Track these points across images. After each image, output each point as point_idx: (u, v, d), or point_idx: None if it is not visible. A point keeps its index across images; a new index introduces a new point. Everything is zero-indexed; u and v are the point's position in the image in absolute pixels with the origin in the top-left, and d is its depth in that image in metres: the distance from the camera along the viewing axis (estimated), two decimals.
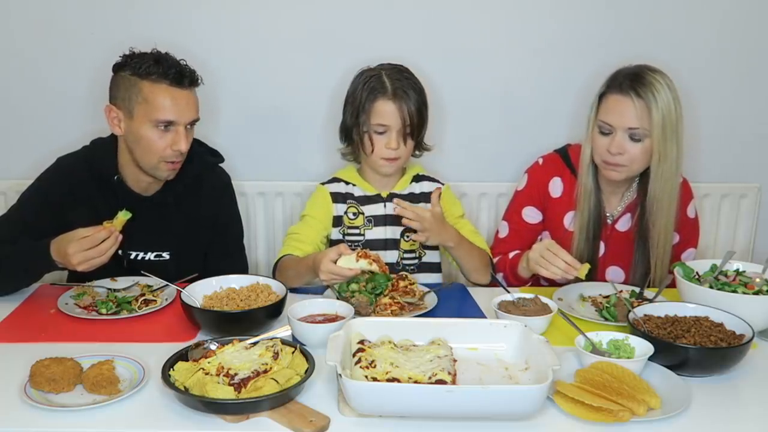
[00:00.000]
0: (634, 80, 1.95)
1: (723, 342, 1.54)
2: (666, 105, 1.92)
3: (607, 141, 1.98)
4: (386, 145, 2.04)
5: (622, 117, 1.95)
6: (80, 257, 1.72)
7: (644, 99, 1.92)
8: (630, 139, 1.96)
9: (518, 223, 2.21)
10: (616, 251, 2.16)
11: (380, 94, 2.02)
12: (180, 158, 1.95)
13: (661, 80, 1.94)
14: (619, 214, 2.15)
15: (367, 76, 2.07)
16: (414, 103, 2.03)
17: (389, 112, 2.02)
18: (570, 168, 2.16)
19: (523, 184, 2.22)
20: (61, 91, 2.55)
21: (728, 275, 1.84)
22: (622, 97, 1.95)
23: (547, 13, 2.56)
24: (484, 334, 1.57)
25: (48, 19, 2.49)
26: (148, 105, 1.87)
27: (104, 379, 1.40)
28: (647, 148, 1.97)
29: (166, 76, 1.86)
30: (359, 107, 2.06)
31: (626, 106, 1.94)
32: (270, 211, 2.69)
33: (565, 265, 1.84)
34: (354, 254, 1.80)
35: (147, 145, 1.90)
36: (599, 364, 1.45)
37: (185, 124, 1.91)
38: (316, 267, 1.83)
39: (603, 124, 1.99)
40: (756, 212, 2.79)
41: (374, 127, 2.04)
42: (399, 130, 2.03)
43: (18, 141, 2.60)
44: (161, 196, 2.05)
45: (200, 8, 2.50)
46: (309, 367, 1.42)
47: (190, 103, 1.91)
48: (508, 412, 1.32)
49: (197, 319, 1.69)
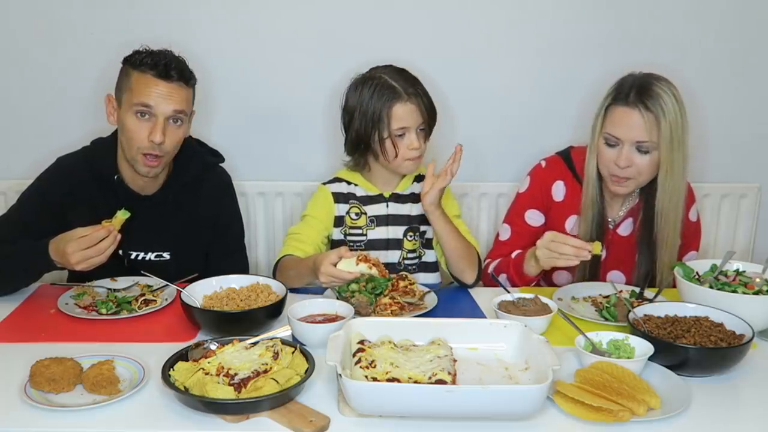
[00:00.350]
0: (641, 92, 1.92)
1: (723, 342, 1.54)
2: (673, 116, 1.91)
3: (614, 153, 1.97)
4: (409, 147, 2.03)
5: (630, 130, 1.93)
6: (79, 256, 1.72)
7: (653, 112, 1.90)
8: (637, 151, 1.95)
9: (520, 226, 2.19)
10: (617, 256, 2.15)
11: (395, 98, 2.01)
12: (158, 152, 1.90)
13: (667, 90, 1.92)
14: (621, 219, 2.15)
15: (372, 85, 2.03)
16: (425, 97, 2.05)
17: (408, 114, 2.02)
18: (572, 171, 2.15)
19: (526, 187, 2.21)
20: (61, 90, 2.55)
21: (728, 275, 1.84)
22: (630, 109, 1.92)
23: (549, 14, 2.56)
24: (484, 334, 1.56)
25: (49, 19, 2.49)
26: (131, 92, 1.88)
27: (104, 379, 1.40)
28: (654, 160, 1.96)
29: (154, 67, 1.87)
30: (374, 117, 2.02)
31: (634, 119, 1.92)
32: (270, 211, 2.69)
33: (574, 249, 1.83)
34: (354, 257, 1.81)
35: (128, 134, 1.90)
36: (599, 364, 1.45)
37: (165, 116, 1.89)
38: (316, 269, 1.82)
39: (609, 137, 1.97)
40: (756, 212, 2.79)
41: (395, 132, 2.03)
42: (417, 129, 2.04)
43: (18, 141, 2.60)
44: (161, 195, 2.05)
45: (200, 8, 2.50)
46: (309, 367, 1.42)
47: (172, 94, 1.89)
48: (508, 412, 1.32)
49: (197, 319, 1.69)
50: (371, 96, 2.03)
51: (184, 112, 1.94)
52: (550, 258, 1.88)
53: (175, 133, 1.93)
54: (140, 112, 1.88)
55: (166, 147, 1.91)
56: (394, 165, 2.08)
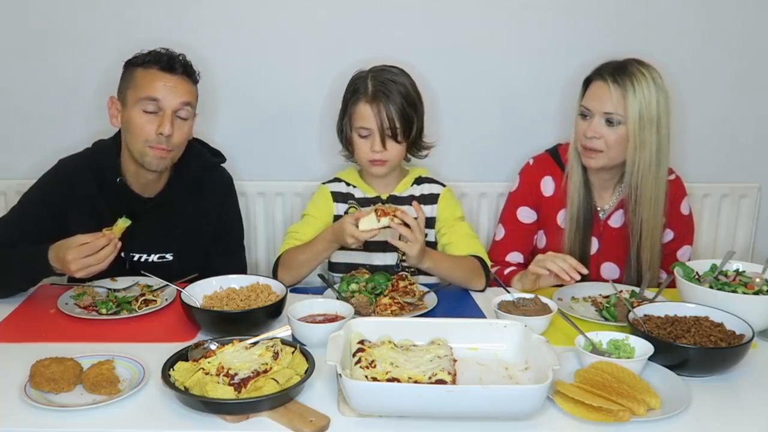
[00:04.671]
0: (617, 69, 2.03)
1: (723, 342, 1.54)
2: (646, 95, 1.99)
3: (586, 125, 2.06)
4: (371, 148, 2.04)
5: (600, 102, 2.03)
6: (79, 264, 1.72)
7: (621, 86, 2.00)
8: (606, 123, 2.02)
9: (514, 224, 2.23)
10: (610, 247, 2.18)
11: (361, 96, 2.03)
12: (166, 145, 1.90)
13: (645, 73, 2.01)
14: (611, 210, 2.18)
15: (355, 78, 2.08)
16: (396, 104, 2.01)
17: (368, 115, 2.02)
18: (561, 167, 2.20)
19: (516, 186, 2.26)
20: (63, 91, 2.55)
21: (728, 275, 1.84)
22: (602, 83, 2.03)
23: (547, 14, 2.56)
24: (484, 334, 1.57)
25: (50, 20, 2.49)
26: (136, 88, 1.88)
27: (104, 379, 1.40)
28: (623, 135, 2.02)
29: (158, 62, 1.88)
30: (344, 109, 2.09)
31: (604, 91, 2.02)
32: (270, 211, 2.69)
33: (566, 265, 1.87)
34: (372, 213, 1.83)
35: (134, 129, 1.89)
36: (599, 364, 1.45)
37: (172, 109, 1.89)
38: (337, 236, 1.88)
39: (584, 109, 2.08)
40: (756, 212, 2.79)
41: (357, 130, 2.05)
42: (380, 134, 2.02)
43: (19, 141, 2.60)
44: (163, 197, 2.05)
45: (201, 9, 2.50)
46: (309, 367, 1.42)
47: (178, 87, 1.90)
48: (508, 412, 1.32)
49: (197, 319, 1.69)
50: (348, 89, 2.09)
51: (191, 105, 1.94)
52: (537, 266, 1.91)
53: (181, 128, 1.93)
54: (147, 107, 1.87)
55: (174, 141, 1.91)
56: (361, 164, 2.11)
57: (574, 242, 2.13)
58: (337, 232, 1.90)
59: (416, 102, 2.08)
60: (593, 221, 2.16)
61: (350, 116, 2.07)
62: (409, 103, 2.05)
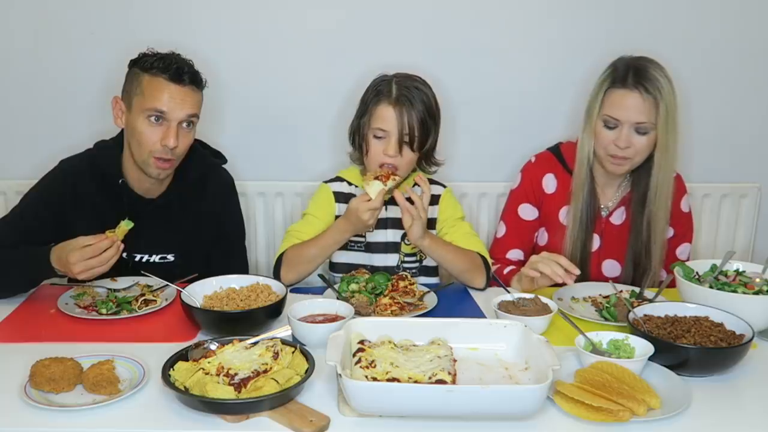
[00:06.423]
0: (639, 75, 1.99)
1: (723, 342, 1.54)
2: (668, 99, 1.98)
3: (614, 135, 2.02)
4: (384, 151, 2.02)
5: (630, 112, 1.99)
6: (82, 266, 1.72)
7: (652, 94, 1.97)
8: (636, 132, 2.01)
9: (515, 221, 2.24)
10: (611, 245, 2.18)
11: (384, 98, 2.02)
12: (170, 156, 1.91)
13: (662, 73, 2.00)
14: (614, 207, 2.18)
15: (379, 81, 2.07)
16: (418, 112, 2.01)
17: (389, 117, 2.01)
18: (563, 164, 2.20)
19: (518, 183, 2.26)
20: (64, 91, 2.55)
21: (728, 275, 1.84)
22: (630, 92, 1.98)
23: (548, 13, 2.56)
24: (484, 334, 1.56)
25: (51, 20, 2.49)
26: (143, 97, 1.87)
27: (104, 379, 1.40)
28: (651, 141, 2.02)
29: (166, 71, 1.87)
30: (364, 109, 2.07)
31: (634, 102, 1.98)
32: (270, 211, 2.69)
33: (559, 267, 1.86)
34: (374, 180, 1.89)
35: (139, 137, 1.89)
36: (599, 364, 1.45)
37: (178, 121, 1.89)
38: (352, 221, 1.92)
39: (609, 119, 2.02)
40: (756, 212, 2.79)
41: (374, 131, 2.03)
42: (398, 138, 2.02)
43: (19, 141, 2.60)
44: (165, 198, 2.05)
45: (203, 10, 2.50)
46: (309, 367, 1.42)
47: (186, 99, 1.89)
48: (508, 412, 1.32)
49: (197, 319, 1.69)
50: (371, 90, 2.08)
51: (196, 116, 1.94)
52: (530, 268, 1.89)
53: (186, 137, 1.94)
54: (153, 117, 1.87)
55: (178, 151, 1.92)
56: (369, 167, 2.08)
57: (576, 240, 2.13)
58: (351, 217, 1.92)
59: (436, 114, 2.07)
60: (596, 219, 2.16)
61: (369, 116, 2.04)
62: (430, 114, 2.04)
